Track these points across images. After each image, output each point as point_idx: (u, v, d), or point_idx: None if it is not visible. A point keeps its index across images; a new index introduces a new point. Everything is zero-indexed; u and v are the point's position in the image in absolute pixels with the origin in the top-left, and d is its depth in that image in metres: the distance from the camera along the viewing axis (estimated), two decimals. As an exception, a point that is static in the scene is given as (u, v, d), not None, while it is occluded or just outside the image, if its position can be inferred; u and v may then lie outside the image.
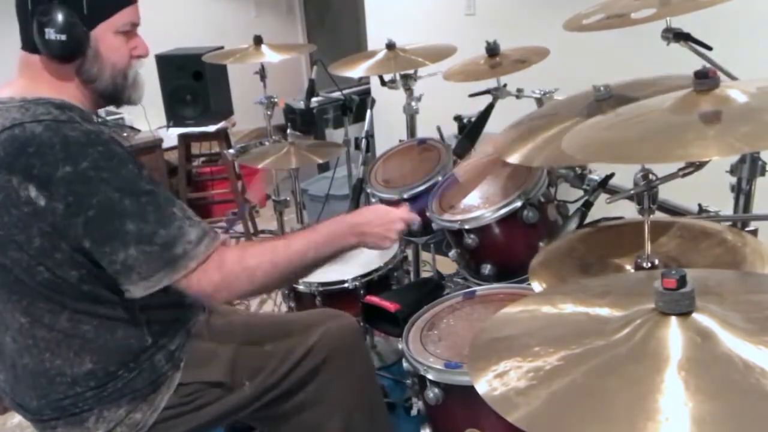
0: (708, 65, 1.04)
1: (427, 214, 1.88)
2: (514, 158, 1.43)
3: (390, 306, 1.67)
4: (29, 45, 1.26)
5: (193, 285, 1.22)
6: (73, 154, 1.15)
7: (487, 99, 2.11)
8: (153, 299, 1.23)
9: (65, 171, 1.14)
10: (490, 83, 2.10)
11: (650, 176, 1.22)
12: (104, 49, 1.28)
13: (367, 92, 3.62)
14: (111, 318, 1.27)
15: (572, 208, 1.66)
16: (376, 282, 2.10)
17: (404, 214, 1.49)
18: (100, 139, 1.19)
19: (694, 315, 0.78)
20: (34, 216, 1.16)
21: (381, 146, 2.81)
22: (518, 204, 1.69)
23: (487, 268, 1.77)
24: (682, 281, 0.78)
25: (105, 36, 1.27)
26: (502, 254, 1.78)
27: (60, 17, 1.21)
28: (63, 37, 1.22)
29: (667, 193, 1.42)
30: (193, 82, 3.45)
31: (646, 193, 1.22)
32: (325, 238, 1.36)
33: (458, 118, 2.62)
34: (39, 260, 1.19)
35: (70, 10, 1.22)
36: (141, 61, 1.36)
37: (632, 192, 1.23)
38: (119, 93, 1.34)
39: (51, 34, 1.21)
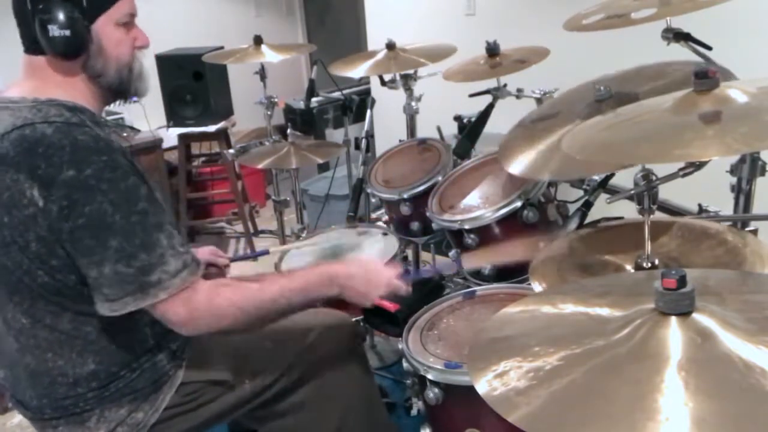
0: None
1: (427, 214, 1.88)
2: (518, 169, 1.43)
3: (390, 306, 1.66)
4: (32, 47, 1.26)
5: (158, 313, 1.22)
6: (80, 158, 1.15)
7: (487, 99, 2.11)
8: None
9: (68, 175, 1.14)
10: (490, 83, 2.10)
11: (650, 176, 1.22)
12: (107, 43, 1.28)
13: (367, 92, 3.62)
14: (113, 320, 1.26)
15: (572, 208, 1.66)
16: (376, 282, 2.09)
17: (393, 280, 1.44)
18: (108, 147, 1.19)
19: (694, 315, 0.78)
20: (33, 218, 1.16)
21: (381, 146, 2.81)
22: (518, 204, 1.69)
23: (487, 268, 1.77)
24: (682, 281, 0.78)
25: (106, 29, 1.27)
26: (502, 254, 1.78)
27: (61, 13, 1.21)
28: (67, 33, 1.22)
29: (667, 193, 1.42)
30: (193, 82, 3.44)
31: (646, 193, 1.22)
32: (302, 286, 1.35)
33: (458, 118, 2.62)
34: (37, 264, 1.19)
35: (70, 5, 1.22)
36: (143, 52, 1.36)
37: (632, 192, 1.23)
38: (126, 86, 1.34)
39: (54, 31, 1.21)
